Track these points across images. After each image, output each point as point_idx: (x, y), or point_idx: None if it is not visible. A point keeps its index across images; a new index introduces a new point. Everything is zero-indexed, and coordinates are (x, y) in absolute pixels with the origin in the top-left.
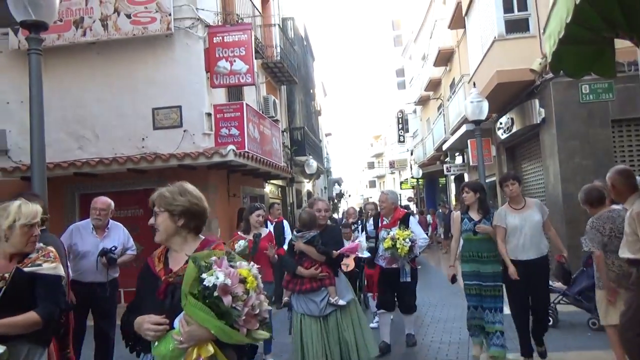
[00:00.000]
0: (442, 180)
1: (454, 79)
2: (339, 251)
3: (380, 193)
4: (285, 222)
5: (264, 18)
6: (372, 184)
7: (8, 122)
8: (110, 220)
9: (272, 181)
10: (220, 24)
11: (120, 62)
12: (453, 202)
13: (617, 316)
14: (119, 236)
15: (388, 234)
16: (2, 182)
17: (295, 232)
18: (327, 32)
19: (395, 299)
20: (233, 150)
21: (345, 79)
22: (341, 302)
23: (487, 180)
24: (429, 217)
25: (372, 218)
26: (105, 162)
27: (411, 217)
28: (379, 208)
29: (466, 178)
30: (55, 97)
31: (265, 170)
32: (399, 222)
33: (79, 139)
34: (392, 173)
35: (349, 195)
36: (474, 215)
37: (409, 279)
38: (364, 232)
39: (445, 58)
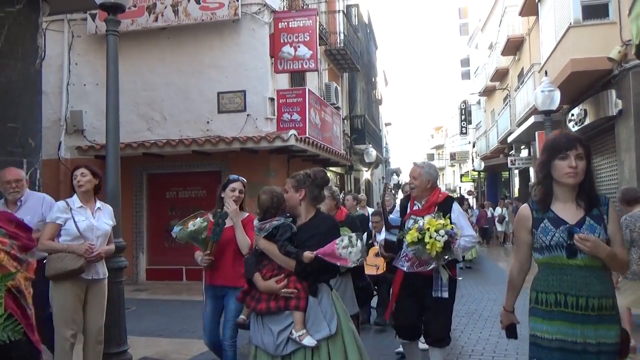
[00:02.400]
0: (505, 174)
1: (522, 68)
2: (315, 252)
3: (412, 165)
4: None
5: (328, 4)
6: None
7: (85, 103)
8: (28, 191)
9: (331, 168)
10: (285, 9)
11: (189, 46)
12: (516, 196)
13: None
14: (35, 208)
15: (416, 223)
16: (78, 160)
17: (256, 222)
18: (391, 19)
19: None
20: (294, 135)
21: (407, 68)
22: (307, 342)
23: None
24: (490, 211)
25: (399, 201)
26: (172, 144)
27: (454, 205)
28: (409, 187)
29: (532, 172)
30: (127, 80)
31: (324, 157)
32: (435, 208)
33: (148, 120)
34: (452, 165)
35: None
36: (567, 213)
37: (445, 294)
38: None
39: (514, 47)
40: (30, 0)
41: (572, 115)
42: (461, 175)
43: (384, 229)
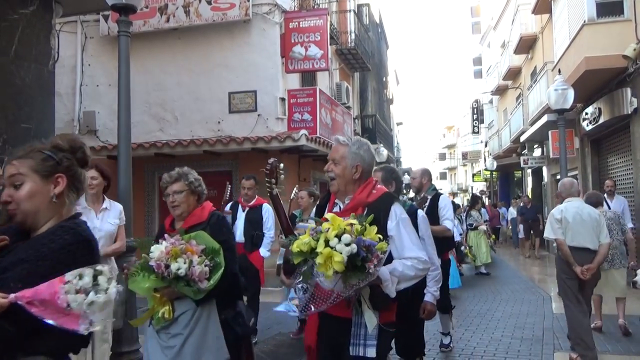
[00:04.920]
0: (518, 173)
1: (535, 67)
2: (14, 296)
3: (335, 142)
4: (267, 207)
5: (339, 3)
6: (443, 176)
7: (97, 104)
8: None
9: None
10: (296, 9)
11: (200, 47)
12: (529, 196)
13: (607, 289)
14: None
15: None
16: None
17: None
18: (402, 18)
19: None
20: (305, 135)
21: (419, 67)
22: None
23: (568, 175)
24: (504, 210)
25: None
26: (184, 144)
27: (395, 208)
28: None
29: (545, 171)
30: (139, 81)
31: None
32: (364, 210)
33: (160, 121)
34: (464, 165)
35: None
36: None
37: (370, 353)
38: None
39: (527, 45)
40: (43, 2)
41: (586, 114)
42: (473, 175)
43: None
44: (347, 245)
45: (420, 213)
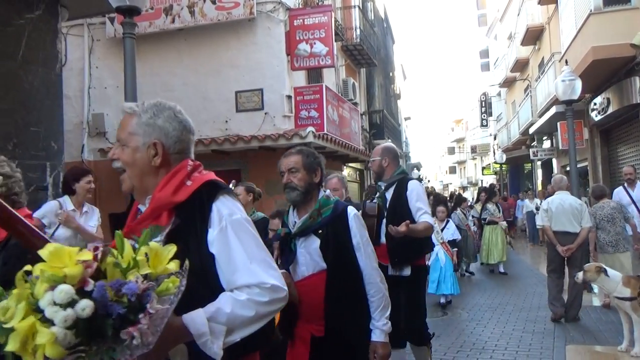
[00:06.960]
0: (528, 165)
1: (543, 58)
2: None
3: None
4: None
5: (343, 0)
6: (452, 170)
7: (106, 106)
8: None
9: (350, 164)
10: (300, 6)
11: (206, 47)
12: (539, 188)
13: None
14: None
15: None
16: (100, 162)
17: None
18: (408, 13)
19: None
20: (312, 132)
21: (426, 61)
22: None
23: (578, 166)
24: (520, 202)
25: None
26: None
27: (220, 204)
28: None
29: (554, 163)
30: (146, 82)
31: (343, 153)
32: (172, 216)
33: None
34: (474, 158)
35: (428, 181)
36: None
37: None
38: None
39: (534, 36)
40: (48, 6)
41: (595, 104)
42: (483, 168)
43: None
44: (66, 307)
45: (352, 212)
